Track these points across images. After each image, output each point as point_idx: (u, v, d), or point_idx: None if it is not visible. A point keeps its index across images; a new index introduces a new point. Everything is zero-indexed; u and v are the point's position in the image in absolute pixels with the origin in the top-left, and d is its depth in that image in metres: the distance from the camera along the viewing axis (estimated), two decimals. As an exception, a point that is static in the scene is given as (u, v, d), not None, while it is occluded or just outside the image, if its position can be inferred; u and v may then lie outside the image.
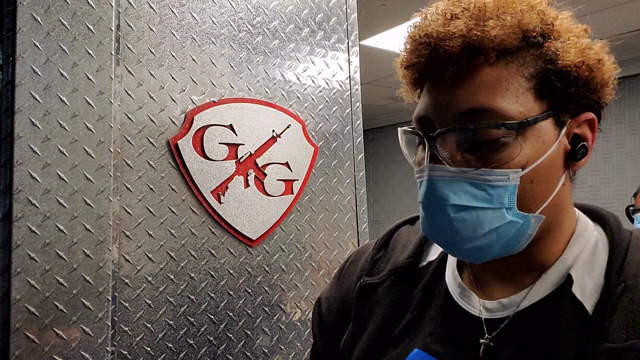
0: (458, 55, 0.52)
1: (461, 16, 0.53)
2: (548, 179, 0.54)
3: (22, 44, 0.93)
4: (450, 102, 0.53)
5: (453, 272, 0.64)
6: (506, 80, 0.52)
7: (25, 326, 0.90)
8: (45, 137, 0.95)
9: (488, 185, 0.52)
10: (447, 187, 0.53)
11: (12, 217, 0.90)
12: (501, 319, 0.57)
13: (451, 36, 0.52)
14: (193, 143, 1.13)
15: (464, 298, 0.61)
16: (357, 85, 1.43)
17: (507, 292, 0.59)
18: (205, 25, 1.17)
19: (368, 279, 0.70)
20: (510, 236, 0.54)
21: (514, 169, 0.52)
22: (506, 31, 0.51)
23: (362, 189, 1.42)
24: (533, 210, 0.54)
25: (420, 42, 0.55)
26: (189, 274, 1.11)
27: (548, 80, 0.53)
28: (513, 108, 0.51)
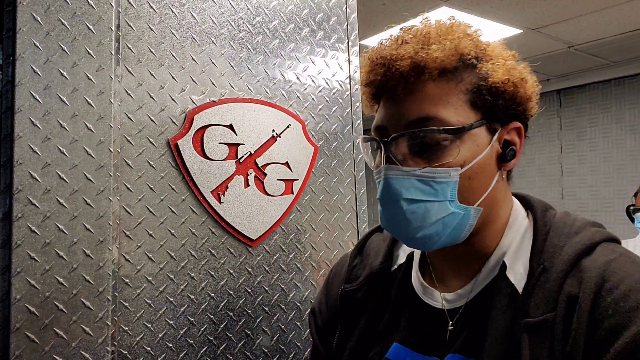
0: (407, 73, 0.63)
1: (410, 41, 0.65)
2: (483, 176, 0.65)
3: (22, 44, 0.93)
4: (402, 112, 0.64)
5: (416, 272, 0.75)
6: (447, 94, 0.63)
7: (25, 326, 0.90)
8: (45, 137, 0.95)
9: (433, 182, 0.63)
10: (399, 184, 0.63)
11: (12, 217, 0.90)
12: (459, 308, 0.68)
13: (401, 57, 0.64)
14: (193, 143, 1.13)
15: (427, 295, 0.72)
16: (357, 85, 1.43)
17: (461, 283, 0.69)
18: (205, 25, 1.17)
19: (347, 286, 0.80)
20: (454, 225, 0.64)
21: (454, 168, 0.63)
22: (446, 53, 0.63)
23: (362, 189, 1.42)
24: (472, 202, 0.64)
25: (376, 63, 0.66)
26: (189, 274, 1.11)
27: (481, 94, 0.64)
28: (453, 117, 0.63)
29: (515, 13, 2.93)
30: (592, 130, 4.37)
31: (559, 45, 3.55)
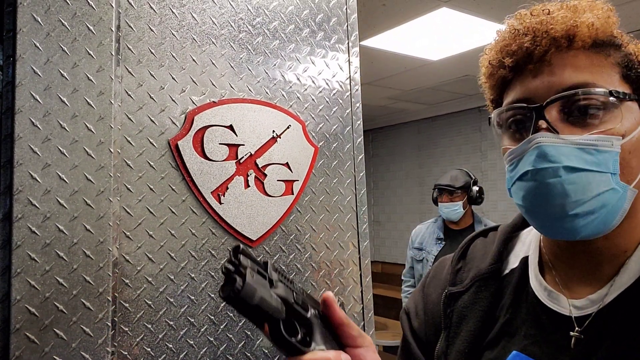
0: (560, 38, 0.59)
1: (557, 11, 0.61)
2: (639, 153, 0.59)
3: (22, 45, 0.93)
4: (553, 80, 0.59)
5: (537, 276, 0.68)
6: (599, 64, 0.59)
7: (25, 327, 0.90)
8: (45, 137, 0.95)
9: (595, 150, 0.56)
10: (558, 151, 0.57)
11: (12, 217, 0.90)
12: (589, 315, 0.60)
13: (555, 22, 0.59)
14: (193, 143, 1.13)
15: (552, 300, 0.64)
16: (357, 86, 1.43)
17: (592, 288, 0.62)
18: (205, 26, 1.17)
19: (452, 288, 0.75)
20: (611, 206, 0.57)
21: (616, 136, 0.57)
22: (600, 22, 0.59)
23: (362, 190, 1.42)
24: (630, 181, 0.58)
25: (521, 32, 0.61)
26: (189, 275, 1.11)
27: (632, 68, 0.60)
28: (610, 85, 0.58)
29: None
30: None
31: (559, 45, 3.55)
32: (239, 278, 0.52)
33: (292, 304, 0.59)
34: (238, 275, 0.52)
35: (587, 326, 0.59)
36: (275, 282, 0.58)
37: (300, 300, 0.62)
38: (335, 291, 1.34)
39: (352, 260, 1.38)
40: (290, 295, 0.60)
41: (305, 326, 0.61)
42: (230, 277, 0.52)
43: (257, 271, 0.56)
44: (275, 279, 0.58)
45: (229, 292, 0.52)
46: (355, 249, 1.39)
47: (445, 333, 0.73)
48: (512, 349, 0.64)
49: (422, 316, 0.79)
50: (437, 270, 0.82)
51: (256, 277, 0.54)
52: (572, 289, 0.64)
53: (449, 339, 0.72)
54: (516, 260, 0.73)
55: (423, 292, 0.81)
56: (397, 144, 6.61)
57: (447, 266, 0.80)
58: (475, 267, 0.75)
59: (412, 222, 5.61)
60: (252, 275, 0.53)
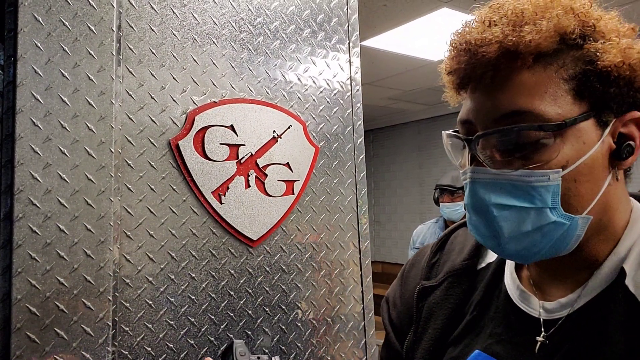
0: (496, 60, 0.54)
1: (499, 23, 0.55)
2: (592, 178, 0.54)
3: (23, 45, 0.93)
4: (491, 105, 0.55)
5: (512, 274, 0.66)
6: (544, 83, 0.53)
7: (26, 326, 0.90)
8: (46, 137, 0.95)
9: (529, 186, 0.53)
10: (488, 188, 0.55)
11: (13, 217, 0.91)
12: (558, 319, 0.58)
13: (488, 42, 0.54)
14: (194, 143, 1.13)
15: (524, 300, 0.62)
16: (358, 86, 1.43)
17: (564, 292, 0.60)
18: (206, 26, 1.17)
19: (426, 282, 0.73)
20: (557, 237, 0.54)
21: (554, 169, 0.53)
22: (542, 35, 0.53)
23: (363, 190, 1.42)
24: (580, 211, 0.54)
25: (460, 49, 0.58)
26: (189, 274, 1.11)
27: (587, 81, 0.53)
28: (552, 110, 0.52)
29: (516, 14, 2.92)
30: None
31: (560, 46, 3.55)
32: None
33: None
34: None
35: (554, 332, 0.58)
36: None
37: None
38: (336, 291, 1.34)
39: (352, 260, 1.38)
40: None
41: None
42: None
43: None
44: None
45: None
46: (355, 249, 1.39)
47: (414, 327, 0.71)
48: (476, 347, 0.63)
49: (400, 306, 0.77)
50: (417, 259, 0.79)
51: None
52: (544, 290, 0.62)
53: (416, 334, 0.71)
54: (494, 255, 0.70)
55: (402, 281, 0.79)
56: (397, 144, 6.61)
57: (425, 257, 0.77)
58: (451, 260, 0.73)
59: (413, 222, 5.61)
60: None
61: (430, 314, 0.70)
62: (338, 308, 1.34)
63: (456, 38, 0.59)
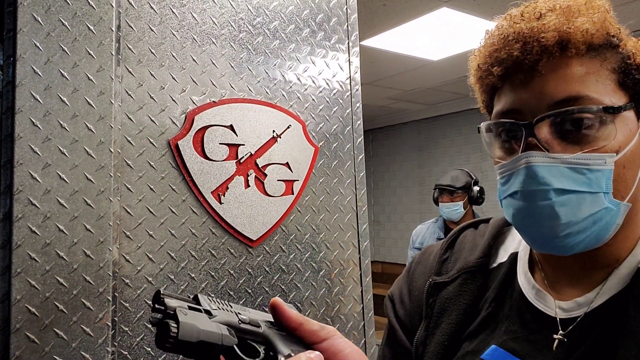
0: (551, 47, 0.55)
1: (548, 14, 0.57)
2: (634, 165, 0.57)
3: (22, 45, 0.93)
4: (544, 92, 0.56)
5: (525, 274, 0.67)
6: (594, 72, 0.56)
7: (25, 326, 0.90)
8: (45, 137, 0.95)
9: (587, 169, 0.54)
10: (548, 172, 0.55)
11: (12, 217, 0.90)
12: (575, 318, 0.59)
13: (546, 29, 0.56)
14: (193, 143, 1.13)
15: (539, 299, 0.63)
16: (358, 86, 1.43)
17: (580, 292, 0.60)
18: (205, 26, 1.17)
19: (437, 278, 0.73)
20: (603, 224, 0.56)
21: (609, 154, 0.54)
22: (595, 27, 0.56)
23: (362, 189, 1.41)
24: (625, 196, 0.56)
25: (509, 38, 0.58)
26: (189, 275, 1.11)
27: (629, 74, 0.57)
28: (605, 97, 0.55)
29: (516, 14, 2.92)
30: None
31: (560, 46, 3.55)
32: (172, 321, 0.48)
33: (239, 325, 0.55)
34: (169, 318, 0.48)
35: (572, 330, 0.59)
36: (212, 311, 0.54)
37: (247, 318, 0.57)
38: (336, 291, 1.34)
39: (352, 260, 1.38)
40: (233, 318, 0.56)
41: (264, 342, 0.57)
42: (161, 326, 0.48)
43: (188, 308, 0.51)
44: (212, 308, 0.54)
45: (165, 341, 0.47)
46: (355, 248, 1.39)
47: (425, 323, 0.72)
48: (491, 342, 0.64)
49: (407, 302, 0.77)
50: (424, 257, 0.80)
51: (190, 314, 0.50)
52: (558, 290, 0.63)
53: (428, 329, 0.71)
54: (505, 254, 0.72)
55: (408, 278, 0.80)
56: (397, 144, 6.61)
57: (434, 254, 0.78)
58: (463, 258, 0.74)
59: (412, 222, 5.61)
60: (184, 313, 0.49)
61: (444, 309, 0.70)
62: (338, 308, 1.34)
63: (505, 25, 0.60)
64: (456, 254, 0.76)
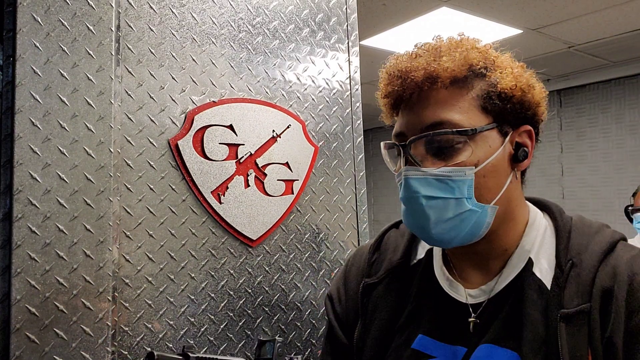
0: (421, 82, 0.69)
1: (423, 55, 0.72)
2: (497, 175, 0.69)
3: (22, 45, 0.93)
4: (418, 118, 0.70)
5: (441, 267, 0.78)
6: (458, 100, 0.69)
7: (25, 326, 0.90)
8: (45, 137, 0.95)
9: (450, 180, 0.68)
10: (418, 183, 0.68)
11: (12, 217, 0.91)
12: (482, 302, 0.72)
13: (416, 69, 0.70)
14: (193, 143, 1.13)
15: (452, 289, 0.76)
16: (357, 85, 1.43)
17: (484, 279, 0.74)
18: (205, 26, 1.17)
19: (368, 280, 0.83)
20: (472, 223, 0.68)
21: (468, 167, 0.68)
22: (456, 64, 0.69)
23: (362, 189, 1.42)
24: (489, 201, 0.69)
25: (393, 75, 0.73)
26: (189, 274, 1.11)
27: (490, 99, 0.69)
28: (465, 120, 0.68)
29: (515, 13, 2.93)
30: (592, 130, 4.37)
31: (559, 45, 3.55)
32: None
33: None
34: None
35: (480, 312, 0.71)
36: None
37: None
38: (335, 291, 1.34)
39: (352, 259, 1.38)
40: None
41: None
42: None
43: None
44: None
45: None
46: (355, 248, 1.39)
47: (362, 321, 0.81)
48: (418, 332, 0.74)
49: (344, 302, 0.86)
50: (356, 259, 0.90)
51: None
52: (466, 279, 0.75)
53: (364, 326, 0.80)
54: (423, 251, 0.83)
55: (344, 279, 0.89)
56: (397, 143, 6.60)
57: (365, 255, 0.88)
58: (388, 259, 0.84)
59: (412, 222, 5.59)
60: None
61: (376, 307, 0.80)
62: (338, 307, 1.34)
63: (390, 68, 0.74)
64: (382, 254, 0.86)
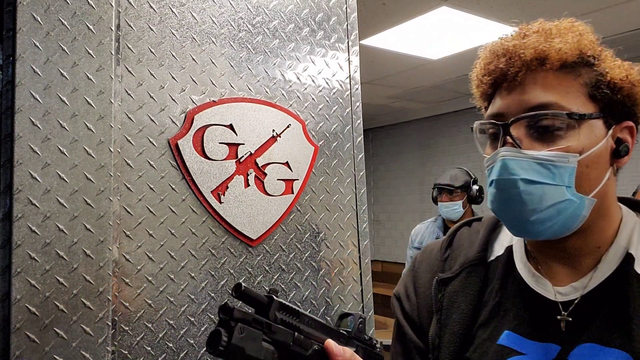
0: (530, 62, 0.66)
1: (532, 35, 0.68)
2: (599, 166, 0.66)
3: (22, 44, 0.93)
4: (522, 99, 0.66)
5: (525, 263, 0.75)
6: (566, 84, 0.66)
7: (25, 326, 0.90)
8: (45, 137, 0.95)
9: (552, 165, 0.64)
10: (518, 165, 0.64)
11: (12, 217, 0.90)
12: (573, 300, 0.68)
13: (526, 47, 0.66)
14: (193, 143, 1.13)
15: (539, 285, 0.72)
16: (357, 85, 1.43)
17: (573, 277, 0.70)
18: (205, 25, 1.17)
19: (442, 274, 0.81)
20: (568, 214, 0.65)
21: (572, 154, 0.64)
22: (568, 47, 0.66)
23: (362, 189, 1.41)
24: (588, 192, 0.65)
25: (498, 53, 0.69)
26: (189, 274, 1.11)
27: (599, 88, 0.66)
28: (573, 105, 0.64)
29: (515, 13, 2.92)
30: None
31: (559, 44, 3.55)
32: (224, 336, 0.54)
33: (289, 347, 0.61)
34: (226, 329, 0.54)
35: (573, 310, 0.67)
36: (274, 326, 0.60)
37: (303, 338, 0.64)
38: (336, 290, 1.34)
39: (352, 259, 1.38)
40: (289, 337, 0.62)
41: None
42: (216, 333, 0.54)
43: (251, 321, 0.57)
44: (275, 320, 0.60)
45: (214, 349, 0.53)
46: (355, 248, 1.39)
47: (437, 317, 0.78)
48: (504, 328, 0.71)
49: (414, 298, 0.84)
50: (425, 256, 0.88)
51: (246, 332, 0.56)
52: (553, 276, 0.71)
53: (440, 322, 0.77)
54: (501, 248, 0.79)
55: (413, 276, 0.86)
56: (397, 142, 6.60)
57: (435, 252, 0.86)
58: (463, 254, 0.81)
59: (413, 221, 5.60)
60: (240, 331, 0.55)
61: (452, 302, 0.77)
62: (337, 307, 1.34)
63: (494, 46, 0.71)
64: (456, 251, 0.83)
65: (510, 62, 0.67)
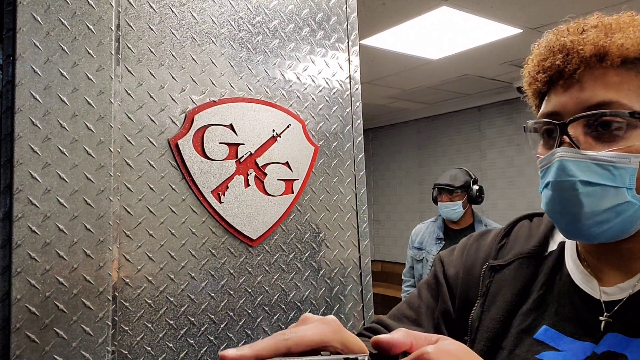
0: (589, 58, 0.63)
1: (590, 30, 0.65)
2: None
3: (22, 44, 0.93)
4: (581, 97, 0.63)
5: (575, 261, 0.74)
6: (627, 82, 0.63)
7: (25, 326, 0.90)
8: (45, 136, 0.95)
9: (612, 166, 0.61)
10: (576, 166, 0.62)
11: (12, 216, 0.90)
12: (618, 301, 0.66)
13: (585, 43, 0.63)
14: (193, 143, 1.13)
15: (586, 283, 0.70)
16: (357, 85, 1.43)
17: (621, 278, 0.68)
18: (205, 25, 1.17)
19: (494, 261, 0.81)
20: (627, 216, 0.62)
21: (634, 154, 0.61)
22: (630, 42, 0.62)
23: (362, 189, 1.42)
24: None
25: (554, 49, 0.66)
26: (189, 274, 1.11)
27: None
28: (635, 104, 0.62)
29: (515, 13, 2.93)
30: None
31: (559, 44, 3.55)
32: None
33: None
34: None
35: (616, 311, 0.65)
36: None
37: None
38: (336, 290, 1.34)
39: (352, 259, 1.38)
40: None
41: None
42: None
43: None
44: None
45: None
46: (355, 248, 1.39)
47: (481, 301, 0.78)
48: (542, 323, 0.71)
49: (460, 270, 0.84)
50: (480, 239, 0.88)
51: None
52: (600, 278, 0.69)
53: (484, 306, 0.78)
54: (554, 244, 0.79)
55: (462, 252, 0.87)
56: (397, 142, 6.61)
57: (491, 238, 0.86)
58: (519, 245, 0.81)
59: (412, 221, 5.61)
60: None
61: (499, 289, 0.77)
62: (338, 307, 1.34)
63: (549, 42, 0.68)
64: (512, 241, 0.83)
65: (567, 58, 0.64)
